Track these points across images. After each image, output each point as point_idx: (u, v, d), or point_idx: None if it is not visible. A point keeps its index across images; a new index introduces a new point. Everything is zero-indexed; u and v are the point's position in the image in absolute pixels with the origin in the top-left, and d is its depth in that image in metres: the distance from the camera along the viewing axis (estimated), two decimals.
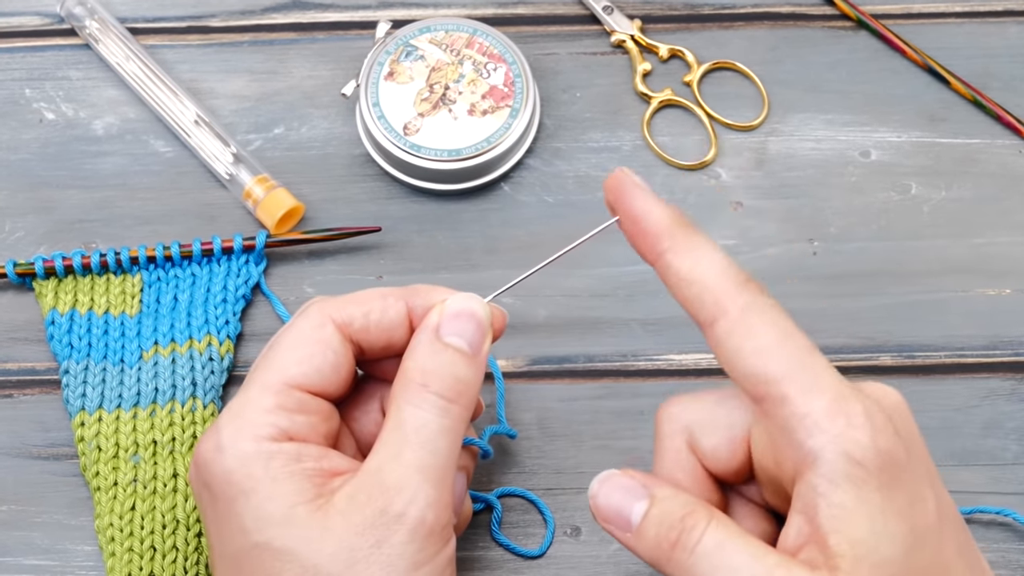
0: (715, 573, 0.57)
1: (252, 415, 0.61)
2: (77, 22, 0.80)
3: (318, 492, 0.60)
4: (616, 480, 0.60)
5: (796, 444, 0.57)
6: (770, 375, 0.57)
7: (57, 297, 0.75)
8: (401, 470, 0.60)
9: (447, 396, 0.61)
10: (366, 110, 0.77)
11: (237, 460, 0.61)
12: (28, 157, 0.79)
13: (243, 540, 0.60)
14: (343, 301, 0.64)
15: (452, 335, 0.62)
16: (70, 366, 0.73)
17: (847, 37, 0.81)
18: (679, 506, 0.58)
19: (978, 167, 0.78)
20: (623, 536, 0.59)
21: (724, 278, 0.59)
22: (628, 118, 0.79)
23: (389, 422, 0.61)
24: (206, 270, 0.75)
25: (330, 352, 0.63)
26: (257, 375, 0.63)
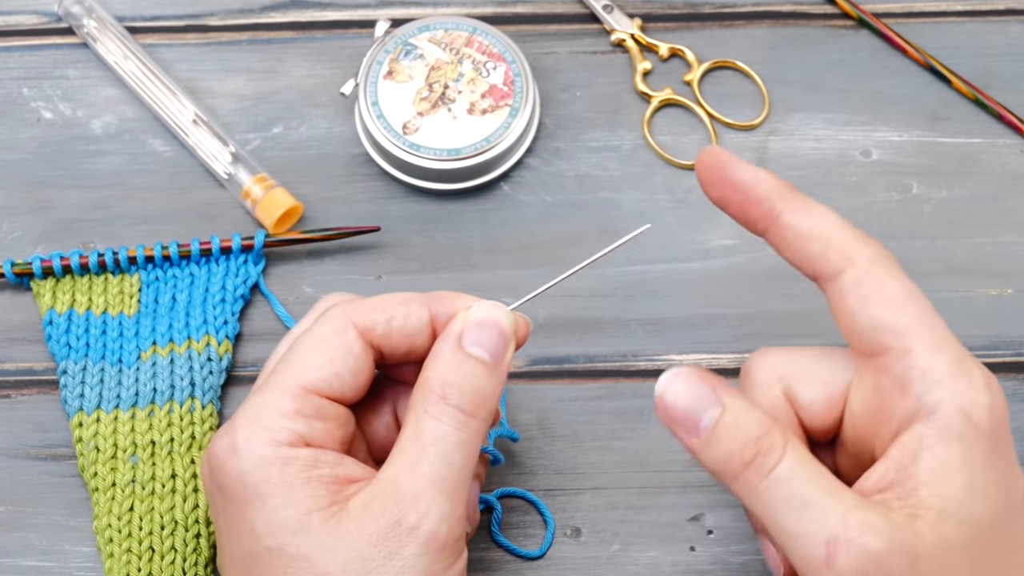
0: (786, 504, 0.57)
1: (270, 419, 0.61)
2: (75, 21, 0.80)
3: (332, 499, 0.60)
4: (686, 379, 0.59)
5: (914, 396, 0.57)
6: (898, 327, 0.58)
7: (55, 297, 0.74)
8: (417, 482, 0.60)
9: (466, 409, 0.61)
10: (365, 109, 0.76)
11: (253, 463, 0.60)
12: (26, 156, 0.79)
13: (255, 544, 0.60)
14: (366, 306, 0.63)
15: (474, 345, 0.62)
16: (68, 366, 0.73)
17: (848, 36, 0.81)
18: (755, 423, 0.58)
19: (979, 167, 0.78)
20: (688, 441, 0.59)
21: (848, 232, 0.60)
22: (628, 117, 0.79)
23: (407, 431, 0.61)
24: (204, 270, 0.75)
25: (351, 358, 0.62)
26: (276, 377, 0.62)
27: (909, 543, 0.56)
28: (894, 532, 0.56)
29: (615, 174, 0.78)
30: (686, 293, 0.75)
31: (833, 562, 0.56)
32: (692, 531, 0.71)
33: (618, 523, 0.71)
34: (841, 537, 0.56)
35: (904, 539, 0.56)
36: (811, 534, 0.56)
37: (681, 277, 0.75)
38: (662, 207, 0.77)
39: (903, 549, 0.56)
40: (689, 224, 0.77)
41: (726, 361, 0.74)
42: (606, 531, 0.71)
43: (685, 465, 0.72)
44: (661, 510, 0.71)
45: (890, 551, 0.55)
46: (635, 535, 0.71)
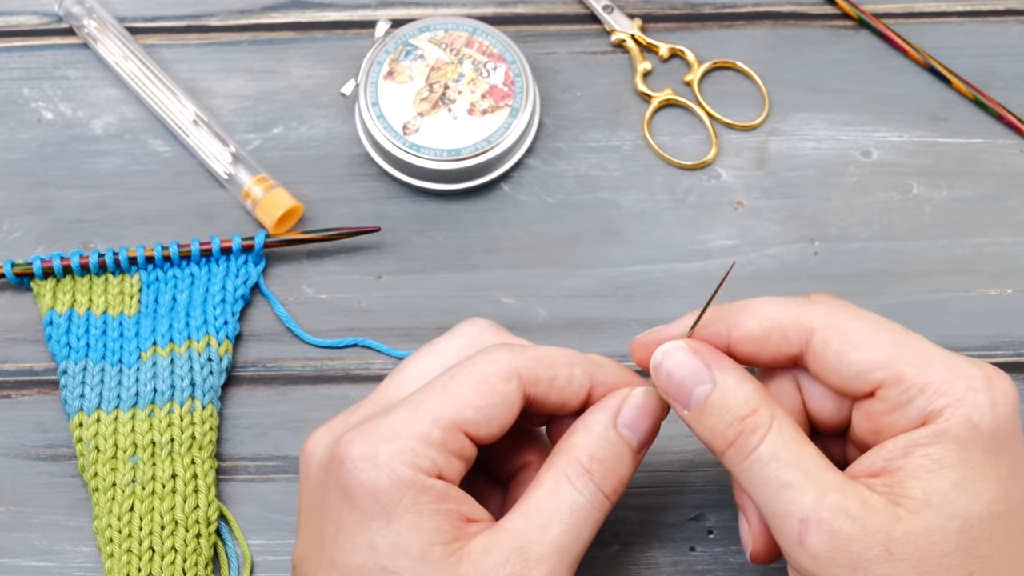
0: (766, 484, 0.58)
1: (416, 444, 0.60)
2: (75, 21, 0.80)
3: (456, 536, 0.60)
4: (681, 353, 0.60)
5: (918, 410, 0.58)
6: (880, 361, 0.59)
7: (55, 297, 0.74)
8: (545, 545, 0.60)
9: (606, 491, 0.61)
10: (365, 110, 0.77)
11: (390, 481, 0.59)
12: (26, 157, 0.79)
13: (369, 558, 0.59)
14: (534, 359, 0.62)
15: (627, 428, 0.62)
16: (68, 366, 0.73)
17: (848, 36, 0.81)
18: (741, 401, 0.59)
19: (980, 167, 0.78)
20: (681, 412, 0.60)
21: (789, 306, 0.61)
22: (628, 118, 0.79)
23: (543, 490, 0.61)
24: (205, 270, 0.75)
25: (507, 407, 0.61)
26: (431, 402, 0.61)
27: (885, 528, 0.56)
28: (869, 516, 0.57)
29: (615, 174, 0.78)
30: (686, 293, 0.75)
31: (805, 540, 0.57)
32: (692, 531, 0.70)
33: (618, 523, 0.71)
34: (813, 517, 0.57)
35: (879, 524, 0.56)
36: (787, 512, 0.57)
37: (681, 277, 0.75)
38: (662, 207, 0.77)
39: (877, 533, 0.56)
40: (689, 224, 0.77)
41: None
42: (606, 531, 0.70)
43: (685, 465, 0.72)
44: (661, 510, 0.71)
45: (862, 534, 0.56)
46: (635, 535, 0.71)
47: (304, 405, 0.73)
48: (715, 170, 0.78)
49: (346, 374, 0.74)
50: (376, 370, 0.74)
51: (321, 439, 0.62)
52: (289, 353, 0.74)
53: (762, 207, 0.77)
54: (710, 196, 0.77)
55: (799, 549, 0.57)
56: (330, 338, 0.74)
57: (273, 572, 0.71)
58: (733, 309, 0.62)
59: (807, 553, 0.57)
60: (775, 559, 0.63)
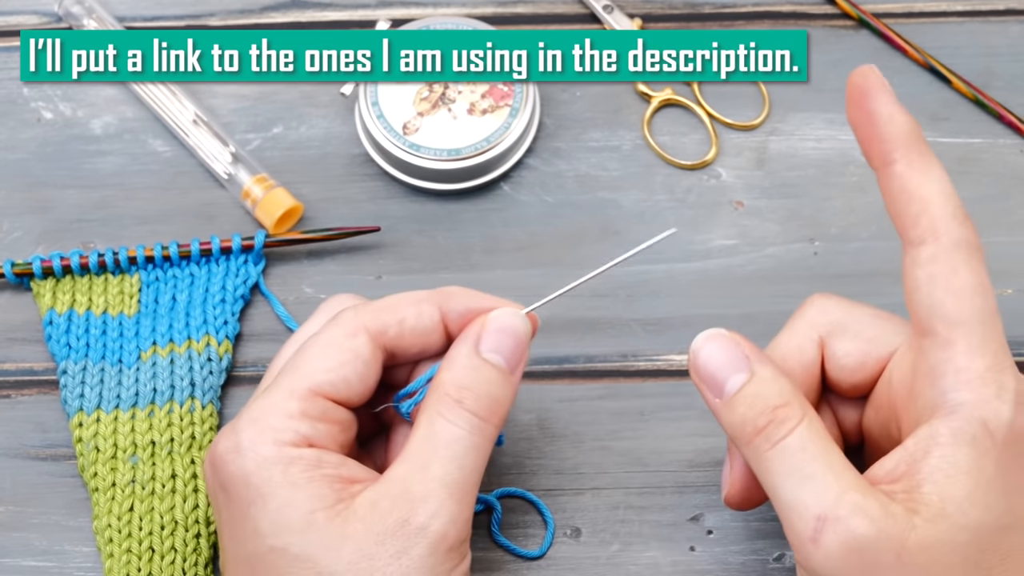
0: (788, 474, 0.58)
1: (275, 419, 0.61)
2: (75, 21, 0.80)
3: (338, 498, 0.60)
4: (721, 342, 0.61)
5: (939, 390, 0.57)
6: (951, 316, 0.58)
7: (55, 297, 0.74)
8: (428, 483, 0.60)
9: (481, 414, 0.61)
10: (365, 109, 0.76)
11: (256, 463, 0.60)
12: (26, 156, 0.79)
13: (258, 543, 0.60)
14: (377, 308, 0.63)
15: (491, 351, 0.62)
16: (68, 366, 0.73)
17: (848, 36, 0.81)
18: (776, 393, 0.59)
19: (980, 167, 0.78)
20: (711, 400, 0.60)
21: (948, 205, 0.59)
22: (628, 117, 0.79)
23: (419, 432, 0.61)
24: (204, 270, 0.75)
25: (360, 363, 0.62)
26: (283, 379, 0.62)
27: (900, 535, 0.56)
28: (886, 521, 0.56)
29: (615, 174, 0.78)
30: (686, 293, 0.75)
31: (819, 537, 0.57)
32: (692, 531, 0.70)
33: (618, 523, 0.71)
34: (831, 515, 0.56)
35: (895, 530, 0.56)
36: (804, 507, 0.57)
37: (681, 277, 0.75)
38: (662, 207, 0.77)
39: (891, 539, 0.56)
40: (689, 224, 0.76)
41: None
42: (606, 531, 0.71)
43: (685, 465, 0.72)
44: (661, 510, 0.71)
45: (877, 538, 0.56)
46: (635, 535, 0.71)
47: None
48: (715, 170, 0.78)
49: None
50: None
51: (207, 453, 0.63)
52: None
53: (762, 207, 0.77)
54: (710, 196, 0.77)
55: (811, 547, 0.57)
56: None
57: None
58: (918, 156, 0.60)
59: (820, 551, 0.57)
60: (747, 508, 0.63)
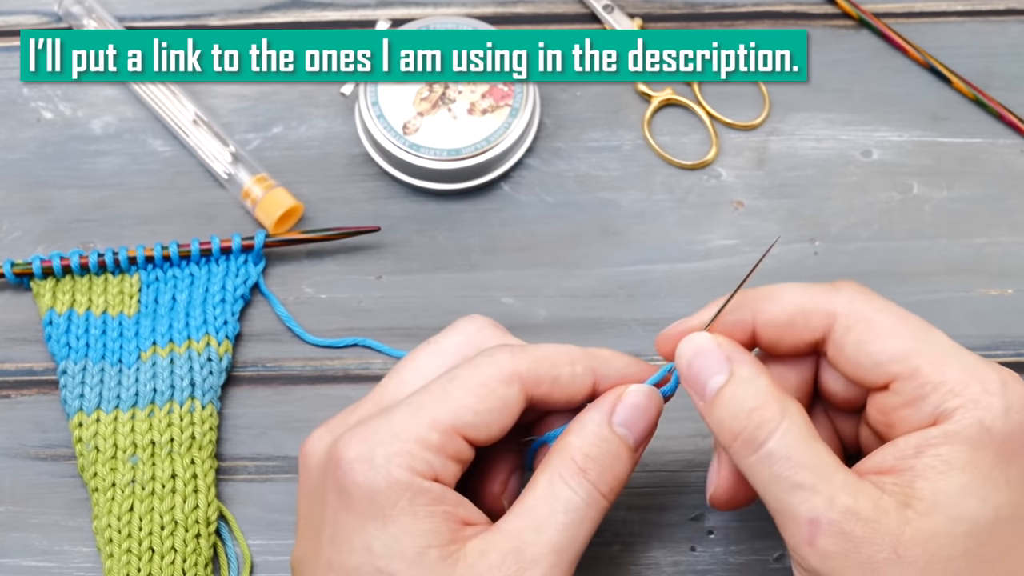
0: (775, 483, 0.58)
1: (414, 445, 0.60)
2: (75, 21, 0.80)
3: (452, 538, 0.59)
4: (703, 344, 0.60)
5: (931, 408, 0.58)
6: (899, 353, 0.59)
7: (55, 297, 0.74)
8: (541, 546, 0.59)
9: (602, 490, 0.61)
10: (365, 109, 0.76)
11: (387, 483, 0.59)
12: (26, 156, 0.79)
13: (365, 560, 0.59)
14: (535, 360, 0.62)
15: (623, 426, 0.62)
16: (68, 366, 0.73)
17: (848, 36, 0.80)
18: (751, 394, 0.59)
19: (980, 167, 0.78)
20: (697, 404, 0.60)
21: (814, 291, 0.61)
22: (628, 117, 0.79)
23: (538, 491, 0.60)
24: (204, 270, 0.75)
25: (507, 412, 0.61)
26: (430, 405, 0.60)
27: (894, 530, 0.56)
28: (879, 518, 0.56)
29: (615, 174, 0.78)
30: (686, 293, 0.75)
31: (815, 541, 0.57)
32: (692, 531, 0.70)
33: (618, 523, 0.71)
34: (824, 519, 0.57)
35: (889, 526, 0.56)
36: (796, 514, 0.57)
37: (681, 277, 0.75)
38: (662, 207, 0.77)
39: (886, 535, 0.56)
40: (689, 224, 0.76)
41: None
42: (606, 531, 0.71)
43: (685, 465, 0.71)
44: (661, 510, 0.71)
45: (872, 536, 0.56)
46: (635, 535, 0.70)
47: (304, 405, 0.73)
48: (715, 170, 0.78)
49: (346, 374, 0.74)
50: (376, 370, 0.74)
51: (320, 440, 0.62)
52: (289, 353, 0.74)
53: (762, 207, 0.77)
54: (710, 196, 0.77)
55: (808, 548, 0.57)
56: (330, 338, 0.74)
57: (273, 572, 0.71)
58: (758, 295, 0.62)
59: (817, 553, 0.57)
60: (732, 508, 0.63)
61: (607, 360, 0.63)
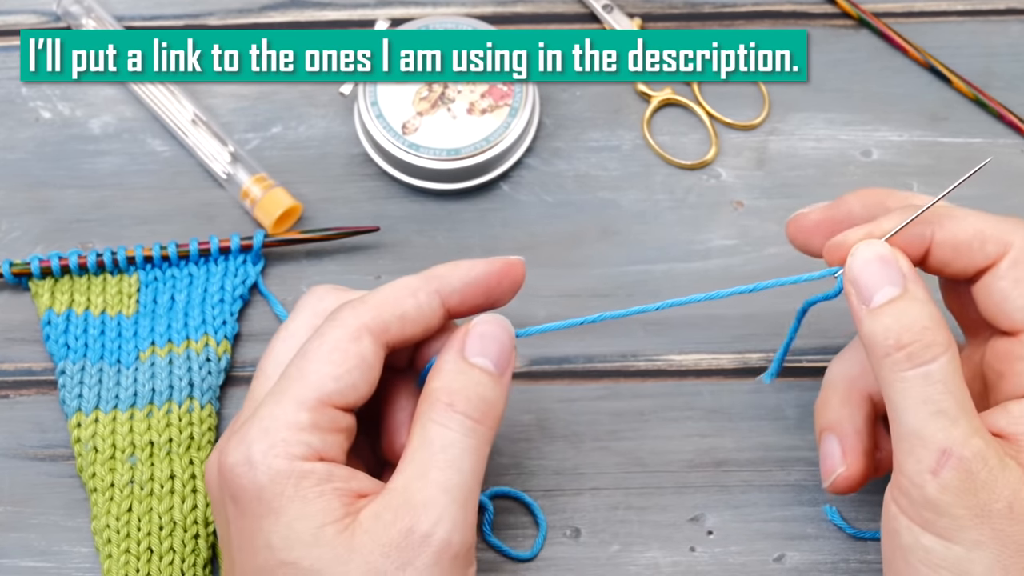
0: (923, 402, 0.58)
1: (286, 432, 0.60)
2: (74, 20, 0.80)
3: (346, 512, 0.60)
4: (882, 251, 0.61)
5: None
6: None
7: (53, 297, 0.74)
8: (427, 489, 0.60)
9: (474, 416, 0.61)
10: (364, 109, 0.76)
11: (268, 477, 0.60)
12: (24, 156, 0.79)
13: (269, 557, 0.60)
14: (376, 306, 0.62)
15: (478, 355, 0.62)
16: (66, 366, 0.73)
17: (848, 36, 0.80)
18: (927, 315, 0.59)
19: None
20: (856, 307, 0.60)
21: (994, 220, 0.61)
22: (628, 117, 0.79)
23: (414, 440, 0.61)
24: (203, 270, 0.75)
25: (366, 366, 0.61)
26: (290, 387, 0.61)
27: (1013, 486, 0.57)
28: (1003, 471, 0.58)
29: (615, 174, 0.78)
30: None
31: (940, 471, 0.57)
32: (692, 531, 0.70)
33: (618, 523, 0.71)
34: (956, 452, 0.57)
35: (1010, 481, 0.58)
36: (931, 438, 0.58)
37: (681, 277, 0.75)
38: (662, 207, 0.77)
39: (1006, 488, 0.57)
40: (689, 224, 0.76)
41: (726, 361, 0.74)
42: (606, 531, 0.70)
43: (685, 465, 0.71)
44: (661, 510, 0.71)
45: (993, 484, 0.57)
46: (635, 535, 0.70)
47: None
48: (715, 170, 0.78)
49: None
50: None
51: (212, 461, 0.63)
52: None
53: (762, 207, 0.77)
54: (710, 196, 0.77)
55: (929, 477, 0.58)
56: None
57: None
58: (941, 213, 0.62)
59: (938, 483, 0.57)
60: (857, 488, 0.64)
61: (447, 276, 0.63)
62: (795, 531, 0.70)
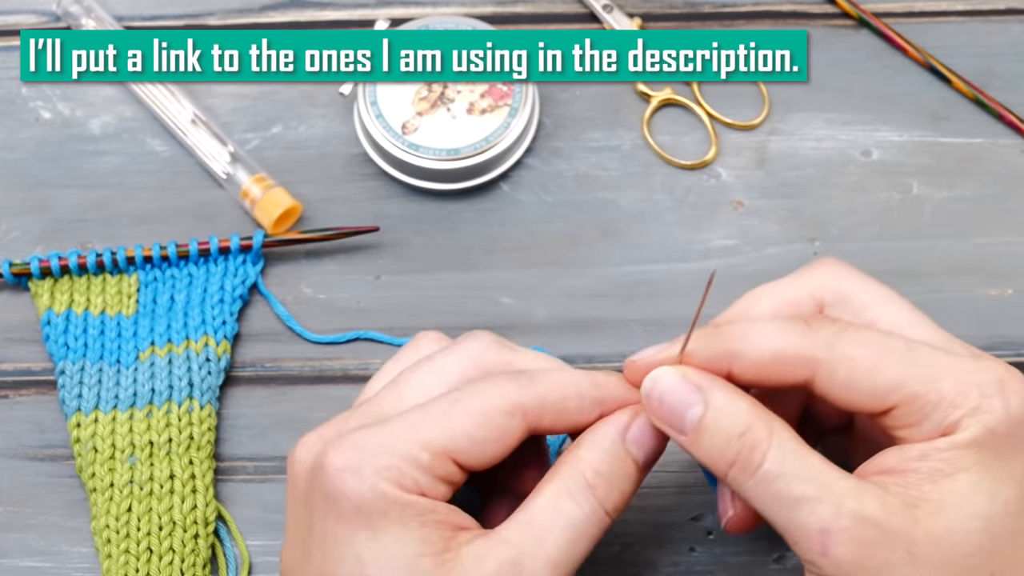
0: (777, 501, 0.57)
1: (402, 462, 0.59)
2: (74, 20, 0.80)
3: (445, 546, 0.58)
4: (671, 379, 0.59)
5: (934, 424, 0.57)
6: (891, 384, 0.58)
7: (53, 297, 0.74)
8: (539, 560, 0.58)
9: (607, 508, 0.60)
10: (364, 109, 0.76)
11: (375, 494, 0.58)
12: (24, 156, 0.79)
13: (356, 570, 0.58)
14: (541, 395, 0.60)
15: (635, 444, 0.61)
16: (66, 367, 0.73)
17: (848, 36, 0.80)
18: (735, 420, 0.58)
19: (980, 166, 0.78)
20: (678, 439, 0.59)
21: (790, 336, 0.59)
22: (628, 117, 0.79)
23: (542, 501, 0.59)
24: (203, 270, 0.75)
25: (504, 442, 0.60)
26: (426, 426, 0.59)
27: (906, 530, 0.56)
28: (889, 519, 0.56)
29: (615, 174, 0.78)
30: (686, 293, 0.75)
31: (828, 551, 0.56)
32: (692, 531, 0.70)
33: (618, 523, 0.70)
34: (834, 527, 0.56)
35: (900, 526, 0.56)
36: (805, 526, 0.56)
37: (681, 277, 0.75)
38: (662, 207, 0.77)
39: (899, 536, 0.56)
40: (689, 224, 0.76)
41: None
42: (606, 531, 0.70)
43: (685, 465, 0.71)
44: (661, 510, 0.71)
45: (884, 538, 0.56)
46: (635, 535, 0.70)
47: (303, 405, 0.73)
48: (715, 170, 0.78)
49: (344, 374, 0.74)
50: (375, 370, 0.74)
51: (309, 447, 0.61)
52: (288, 353, 0.74)
53: (762, 207, 0.77)
54: (710, 196, 0.77)
55: (823, 559, 0.56)
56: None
57: (271, 573, 0.71)
58: (731, 338, 0.60)
59: (831, 562, 0.56)
60: (750, 531, 0.62)
61: (611, 390, 0.62)
62: None
